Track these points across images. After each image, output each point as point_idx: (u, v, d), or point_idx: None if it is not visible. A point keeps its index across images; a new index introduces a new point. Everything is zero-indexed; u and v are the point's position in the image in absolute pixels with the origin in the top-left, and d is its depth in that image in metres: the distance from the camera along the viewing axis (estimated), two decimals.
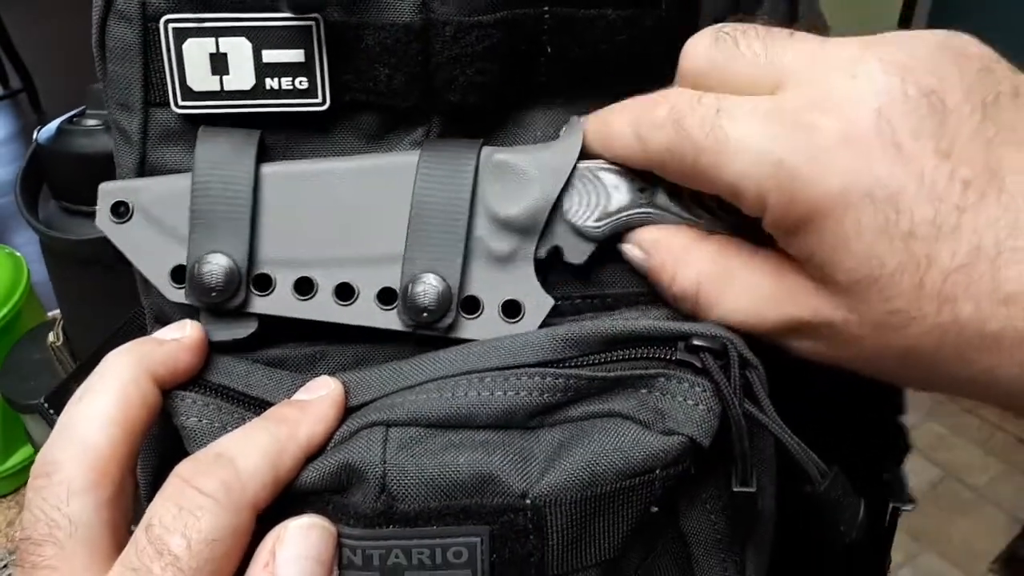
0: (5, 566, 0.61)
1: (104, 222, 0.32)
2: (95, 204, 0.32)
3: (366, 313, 0.32)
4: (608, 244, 0.32)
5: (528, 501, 0.28)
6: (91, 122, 0.47)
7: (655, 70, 0.32)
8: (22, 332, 0.79)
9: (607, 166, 0.31)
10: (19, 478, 0.81)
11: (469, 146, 0.32)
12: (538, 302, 0.32)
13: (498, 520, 0.28)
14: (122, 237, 0.32)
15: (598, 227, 0.32)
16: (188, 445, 0.31)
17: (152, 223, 0.32)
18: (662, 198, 0.31)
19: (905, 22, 2.26)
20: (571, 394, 0.30)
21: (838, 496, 0.30)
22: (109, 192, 0.32)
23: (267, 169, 0.32)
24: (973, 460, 1.77)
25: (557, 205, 0.31)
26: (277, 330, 0.33)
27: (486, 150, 0.32)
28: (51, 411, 0.41)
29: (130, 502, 0.29)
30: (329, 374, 0.32)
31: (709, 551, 0.33)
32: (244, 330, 0.33)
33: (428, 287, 0.31)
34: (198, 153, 0.31)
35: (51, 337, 0.54)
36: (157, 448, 0.34)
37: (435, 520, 0.28)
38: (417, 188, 0.31)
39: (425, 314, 0.31)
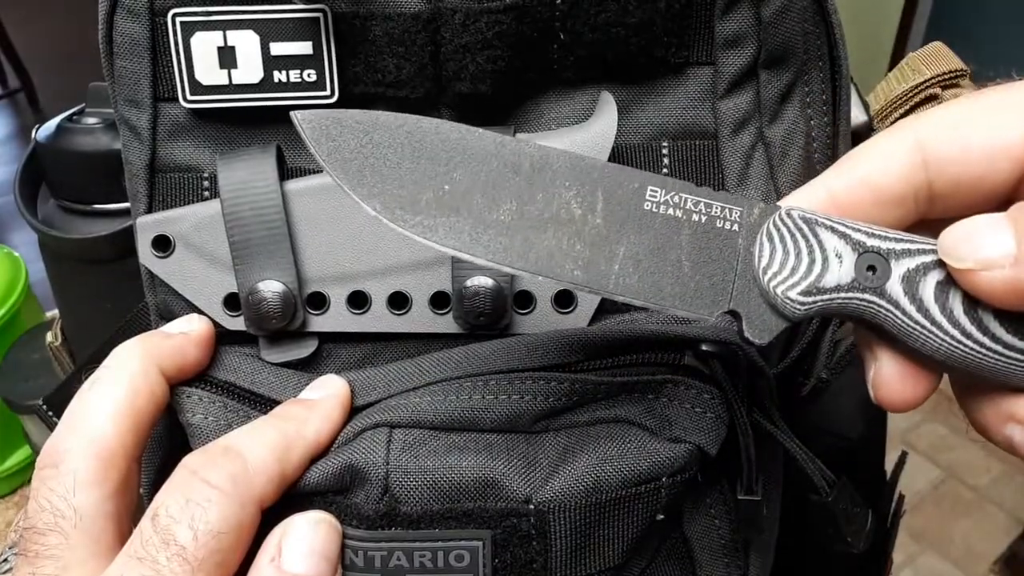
0: (5, 559, 0.61)
1: (147, 258, 0.32)
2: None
3: (421, 320, 0.32)
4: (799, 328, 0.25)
5: (532, 506, 0.28)
6: (91, 120, 0.47)
7: (669, 53, 0.32)
8: (20, 332, 0.78)
9: (832, 222, 0.23)
10: (17, 479, 0.81)
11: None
12: None
13: (501, 525, 0.28)
14: (168, 271, 0.32)
15: (803, 305, 0.23)
16: (193, 442, 0.30)
17: (196, 253, 0.32)
18: (895, 286, 0.23)
19: (905, 23, 2.26)
20: (576, 399, 0.30)
21: (845, 507, 0.30)
22: (147, 226, 0.32)
23: (293, 186, 0.31)
24: (974, 461, 1.77)
25: (749, 258, 0.24)
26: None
27: (519, 137, 0.31)
28: (50, 413, 0.41)
29: (135, 494, 0.29)
30: (335, 372, 0.32)
31: (713, 556, 0.32)
32: (305, 350, 0.33)
33: (482, 290, 0.31)
34: (221, 182, 0.31)
35: (49, 337, 0.54)
36: (161, 445, 0.34)
37: (437, 523, 0.28)
38: None
39: (482, 318, 0.31)
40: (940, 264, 0.22)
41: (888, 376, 0.24)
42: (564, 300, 0.32)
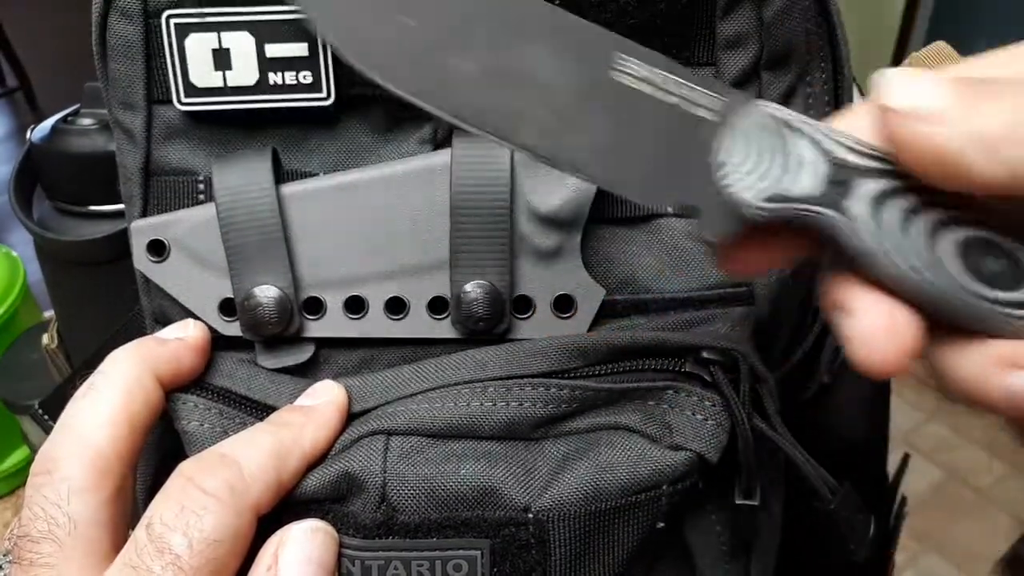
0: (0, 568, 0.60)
1: (142, 262, 0.32)
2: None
3: (419, 326, 0.32)
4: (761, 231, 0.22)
5: (531, 515, 0.28)
6: (86, 121, 0.46)
7: (669, 53, 0.32)
8: (18, 332, 0.78)
9: (808, 126, 0.21)
10: (15, 479, 0.80)
11: None
12: (589, 294, 0.31)
13: (499, 534, 0.28)
14: (163, 276, 0.32)
15: (760, 209, 0.21)
16: (189, 449, 0.30)
17: (191, 257, 0.32)
18: (859, 204, 0.21)
19: (907, 23, 2.26)
20: (576, 405, 0.29)
21: (848, 514, 0.30)
22: (142, 230, 0.32)
23: (288, 189, 0.31)
24: (976, 462, 1.77)
25: (714, 148, 0.22)
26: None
27: None
28: (45, 416, 0.41)
29: (130, 502, 0.29)
30: (332, 378, 0.32)
31: (714, 562, 0.32)
32: (301, 355, 0.32)
33: (480, 295, 0.30)
34: (216, 185, 0.31)
35: (45, 339, 0.54)
36: (156, 451, 0.34)
37: (435, 532, 0.28)
38: (453, 190, 0.30)
39: (481, 323, 0.31)
40: (910, 190, 0.21)
41: (869, 326, 0.21)
42: (564, 305, 0.31)
